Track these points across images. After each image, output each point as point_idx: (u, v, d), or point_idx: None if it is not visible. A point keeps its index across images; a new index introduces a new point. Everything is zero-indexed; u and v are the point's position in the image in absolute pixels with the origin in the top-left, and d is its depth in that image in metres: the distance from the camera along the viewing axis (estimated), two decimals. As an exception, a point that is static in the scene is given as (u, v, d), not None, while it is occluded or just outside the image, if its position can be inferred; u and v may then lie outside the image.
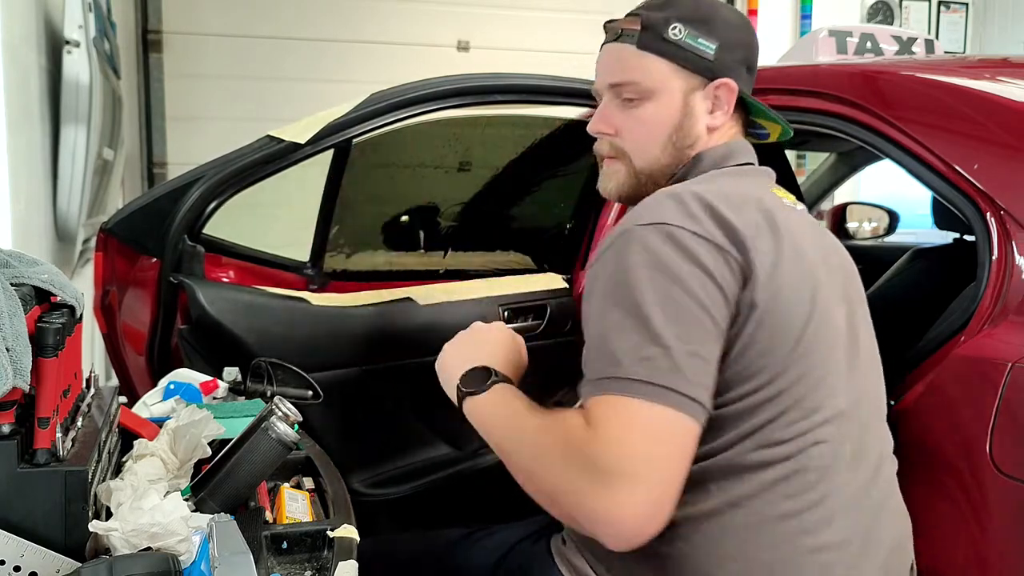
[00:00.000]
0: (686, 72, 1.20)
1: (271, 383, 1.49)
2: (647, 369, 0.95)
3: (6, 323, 0.83)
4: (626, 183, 1.26)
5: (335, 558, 0.94)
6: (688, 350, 0.97)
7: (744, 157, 1.24)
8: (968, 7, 5.61)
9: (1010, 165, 1.30)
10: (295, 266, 1.99)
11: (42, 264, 1.02)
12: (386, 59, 4.47)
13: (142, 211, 1.76)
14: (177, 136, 4.32)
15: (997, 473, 1.15)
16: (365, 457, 1.90)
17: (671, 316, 0.97)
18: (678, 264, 1.00)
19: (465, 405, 1.15)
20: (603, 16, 1.28)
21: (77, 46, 2.08)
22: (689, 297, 0.99)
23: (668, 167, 1.23)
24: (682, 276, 0.99)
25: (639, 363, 0.95)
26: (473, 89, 1.82)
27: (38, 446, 0.87)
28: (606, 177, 1.28)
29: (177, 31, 4.29)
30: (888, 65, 1.70)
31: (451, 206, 2.20)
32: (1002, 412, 1.15)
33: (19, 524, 0.85)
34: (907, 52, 2.07)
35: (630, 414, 0.95)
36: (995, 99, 1.38)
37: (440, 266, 2.16)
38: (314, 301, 1.80)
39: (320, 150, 1.76)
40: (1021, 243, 1.24)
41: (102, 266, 1.82)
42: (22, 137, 1.87)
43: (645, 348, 0.96)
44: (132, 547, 0.85)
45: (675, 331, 0.97)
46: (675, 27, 1.19)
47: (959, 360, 1.23)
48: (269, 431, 1.02)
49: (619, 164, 1.26)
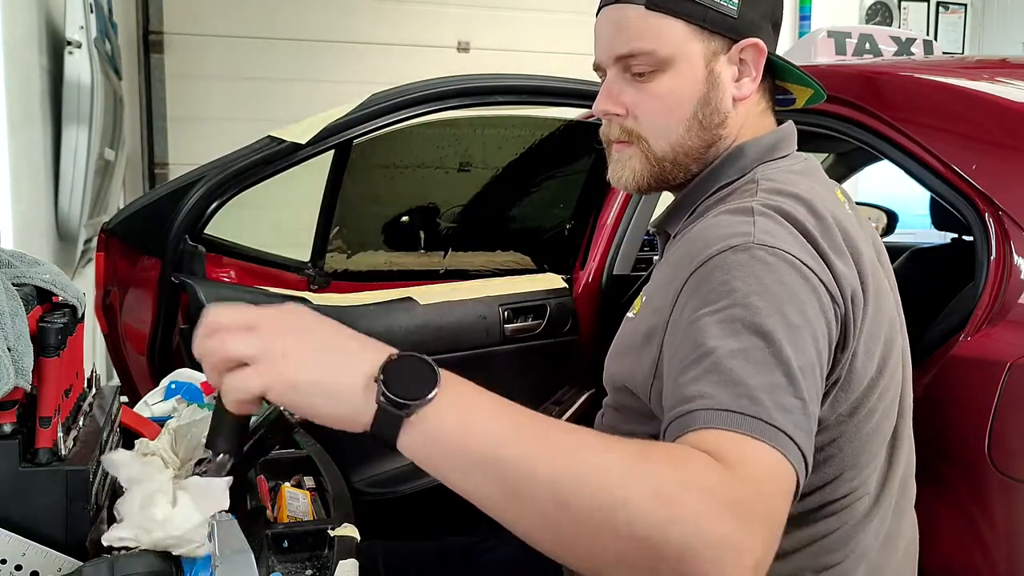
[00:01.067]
0: (707, 33, 0.99)
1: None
2: (788, 420, 0.76)
3: (8, 323, 0.83)
4: (644, 171, 1.05)
5: (336, 557, 0.94)
6: (813, 410, 0.80)
7: (792, 144, 1.06)
8: (966, 8, 5.62)
9: (1008, 165, 1.30)
10: (296, 266, 1.99)
11: (44, 264, 1.02)
12: (386, 60, 4.47)
13: (143, 211, 1.77)
14: (178, 136, 4.33)
15: (996, 473, 1.15)
16: (366, 456, 1.90)
17: (802, 363, 0.80)
18: (809, 302, 0.83)
19: (420, 428, 0.67)
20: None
21: (78, 47, 2.08)
22: (814, 346, 0.82)
23: (696, 150, 1.03)
24: (810, 319, 0.82)
25: (780, 411, 0.75)
26: (473, 90, 1.83)
27: (40, 445, 0.87)
28: (618, 165, 1.07)
29: (178, 32, 4.30)
30: (887, 66, 1.70)
31: (451, 206, 2.20)
32: (1000, 412, 1.15)
33: (21, 523, 0.85)
34: (906, 53, 2.07)
35: (771, 464, 0.74)
36: (993, 100, 1.38)
37: (440, 266, 2.16)
38: (315, 301, 1.80)
39: (321, 151, 1.76)
40: (1019, 243, 1.25)
41: (103, 266, 1.82)
42: (23, 137, 1.88)
43: (785, 395, 0.77)
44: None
45: (806, 383, 0.79)
46: None
47: (958, 360, 1.23)
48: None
49: (633, 149, 1.05)
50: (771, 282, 0.83)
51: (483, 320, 1.96)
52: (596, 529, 0.64)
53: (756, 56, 1.00)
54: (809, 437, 0.77)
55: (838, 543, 1.00)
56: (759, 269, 0.83)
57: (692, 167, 1.05)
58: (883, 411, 0.98)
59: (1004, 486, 1.15)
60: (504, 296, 2.00)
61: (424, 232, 2.16)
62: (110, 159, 2.60)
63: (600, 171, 2.03)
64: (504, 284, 2.04)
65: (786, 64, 1.04)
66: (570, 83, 1.90)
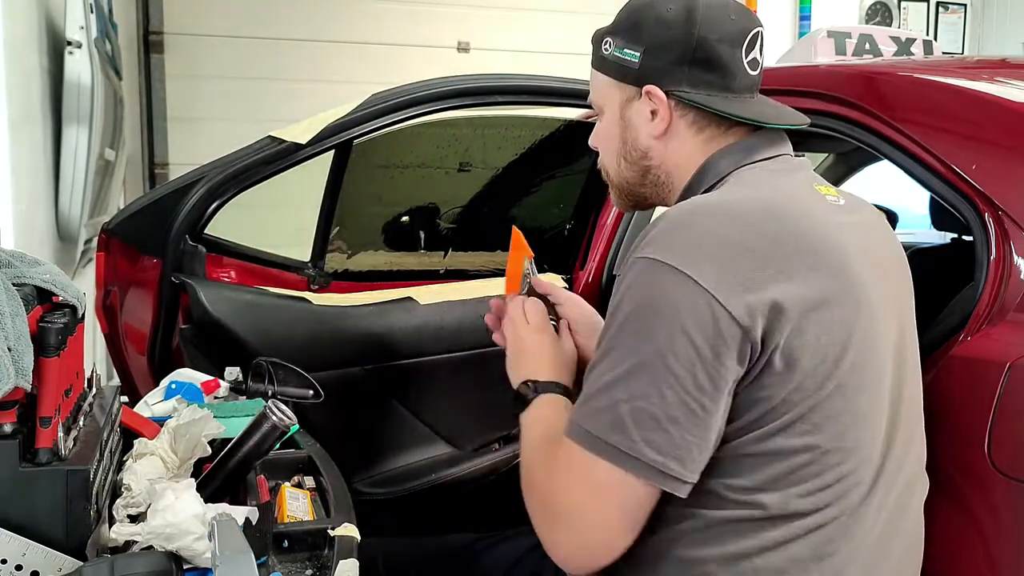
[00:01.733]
0: (619, 83, 1.18)
1: (272, 383, 1.50)
2: (626, 436, 0.96)
3: (8, 323, 0.83)
4: (615, 198, 1.27)
5: (336, 557, 0.94)
6: (669, 415, 0.96)
7: (731, 165, 1.15)
8: (966, 8, 5.62)
9: (1008, 165, 1.30)
10: (296, 266, 1.99)
11: (44, 264, 1.02)
12: (386, 60, 4.47)
13: (144, 211, 1.77)
14: (178, 137, 4.33)
15: (996, 473, 1.15)
16: (366, 456, 1.91)
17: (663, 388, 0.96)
18: (684, 315, 0.96)
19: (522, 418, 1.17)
20: (603, 17, 1.28)
21: (79, 47, 2.09)
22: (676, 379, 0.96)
23: (635, 179, 1.21)
24: (673, 336, 0.96)
25: (615, 430, 0.96)
26: (473, 90, 1.83)
27: (40, 445, 0.87)
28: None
29: (178, 32, 4.30)
30: (886, 66, 1.70)
31: (451, 206, 2.20)
32: (1000, 412, 1.15)
33: (21, 523, 0.85)
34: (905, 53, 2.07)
35: (587, 470, 0.99)
36: (993, 100, 1.38)
37: (440, 266, 2.16)
38: (315, 301, 1.80)
39: (321, 151, 1.76)
40: (1019, 243, 1.24)
41: (104, 266, 1.83)
42: (24, 138, 1.88)
43: (631, 414, 0.96)
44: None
45: (669, 410, 0.96)
46: (607, 41, 1.18)
47: (957, 360, 1.23)
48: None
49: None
50: (647, 299, 0.98)
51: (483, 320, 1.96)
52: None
53: (657, 99, 1.14)
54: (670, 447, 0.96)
55: (835, 532, 1.02)
56: (643, 281, 0.99)
57: (646, 191, 1.22)
58: (854, 390, 1.01)
59: (1004, 486, 1.15)
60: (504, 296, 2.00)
61: (424, 232, 2.16)
62: (110, 159, 2.60)
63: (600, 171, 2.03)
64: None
65: (701, 105, 1.14)
66: (570, 83, 1.90)
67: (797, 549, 1.02)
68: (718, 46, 1.13)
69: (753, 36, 1.15)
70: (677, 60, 1.13)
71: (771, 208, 1.03)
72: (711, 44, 1.12)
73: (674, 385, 0.95)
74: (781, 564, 1.02)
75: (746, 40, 1.14)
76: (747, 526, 1.01)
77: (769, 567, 1.01)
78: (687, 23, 1.12)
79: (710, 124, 1.16)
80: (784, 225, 1.01)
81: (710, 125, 1.16)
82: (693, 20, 1.12)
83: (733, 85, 1.14)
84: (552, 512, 1.03)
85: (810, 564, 1.02)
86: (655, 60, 1.14)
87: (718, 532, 1.02)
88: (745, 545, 1.01)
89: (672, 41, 1.13)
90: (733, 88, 1.14)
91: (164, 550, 0.87)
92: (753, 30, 1.15)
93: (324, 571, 0.95)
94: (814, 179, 1.17)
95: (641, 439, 0.95)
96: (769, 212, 1.02)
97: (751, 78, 1.16)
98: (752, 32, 1.15)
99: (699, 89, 1.14)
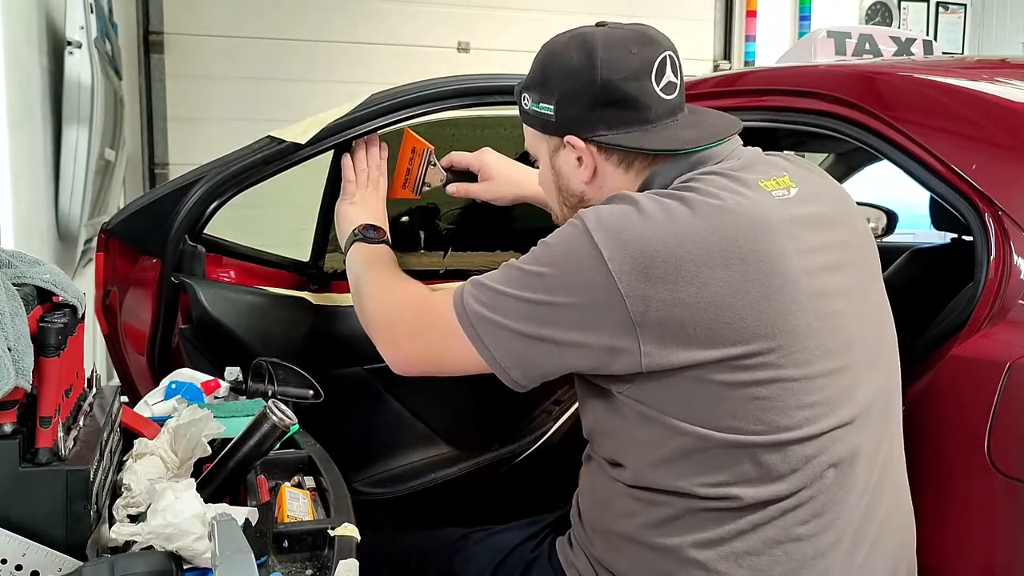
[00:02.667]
0: (544, 135, 1.23)
1: (272, 383, 1.50)
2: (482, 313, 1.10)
3: (8, 323, 0.83)
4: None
5: (336, 557, 0.94)
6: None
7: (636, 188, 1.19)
8: (966, 8, 5.62)
9: (1008, 165, 1.30)
10: (296, 266, 1.99)
11: (44, 264, 1.02)
12: (386, 60, 4.47)
13: (143, 211, 1.77)
14: (178, 136, 4.33)
15: (996, 473, 1.15)
16: (366, 456, 1.91)
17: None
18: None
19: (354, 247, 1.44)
20: (600, 17, 1.29)
21: (79, 47, 2.08)
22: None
23: None
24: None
25: (477, 303, 1.11)
26: (473, 90, 1.82)
27: (40, 445, 0.87)
28: None
29: (178, 32, 4.30)
30: (886, 66, 1.70)
31: (451, 206, 2.20)
32: (1000, 412, 1.15)
33: (21, 523, 0.85)
34: (905, 53, 2.07)
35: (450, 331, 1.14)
36: (993, 100, 1.38)
37: (440, 266, 2.16)
38: (315, 301, 1.80)
39: (321, 151, 1.76)
40: (1019, 243, 1.24)
41: (103, 266, 1.82)
42: (24, 137, 1.88)
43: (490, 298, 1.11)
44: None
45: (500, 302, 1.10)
46: (525, 97, 1.23)
47: (957, 360, 1.23)
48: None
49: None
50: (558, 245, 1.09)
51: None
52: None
53: (580, 147, 1.18)
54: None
55: (810, 514, 1.06)
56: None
57: None
58: (758, 368, 1.04)
59: (1004, 486, 1.15)
60: (504, 296, 2.00)
61: (424, 232, 2.16)
62: (110, 159, 2.60)
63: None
64: (504, 284, 2.04)
65: (615, 145, 1.17)
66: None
67: (773, 532, 1.05)
68: (624, 84, 1.14)
69: (660, 63, 1.16)
70: (588, 106, 1.16)
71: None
72: (616, 85, 1.15)
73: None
74: (758, 546, 1.05)
75: (653, 69, 1.15)
76: (725, 514, 1.06)
77: (746, 549, 1.05)
78: (589, 68, 1.15)
79: (636, 158, 1.19)
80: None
81: (636, 159, 1.19)
82: (594, 64, 1.14)
83: (649, 116, 1.16)
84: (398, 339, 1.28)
85: (788, 545, 1.05)
86: (568, 110, 1.18)
87: (694, 520, 1.06)
88: (721, 531, 1.06)
89: (579, 89, 1.16)
90: (650, 119, 1.16)
91: (164, 550, 0.86)
92: (658, 57, 1.16)
93: (324, 571, 0.95)
94: (756, 176, 1.15)
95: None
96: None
97: (668, 103, 1.17)
98: (658, 59, 1.16)
99: (616, 129, 1.16)
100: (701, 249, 1.03)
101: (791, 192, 1.13)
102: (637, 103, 1.15)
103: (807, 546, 1.06)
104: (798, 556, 1.06)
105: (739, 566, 1.06)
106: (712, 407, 1.05)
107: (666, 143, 1.16)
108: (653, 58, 1.15)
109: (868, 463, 1.11)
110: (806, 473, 1.06)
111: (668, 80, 1.17)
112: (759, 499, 1.05)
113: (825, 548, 1.07)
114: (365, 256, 1.41)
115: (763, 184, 1.13)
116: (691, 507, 1.07)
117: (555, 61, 1.19)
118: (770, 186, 1.13)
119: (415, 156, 1.46)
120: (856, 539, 1.10)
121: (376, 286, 1.34)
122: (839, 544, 1.08)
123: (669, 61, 1.17)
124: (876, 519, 1.13)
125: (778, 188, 1.13)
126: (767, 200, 1.10)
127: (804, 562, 1.06)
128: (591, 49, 1.15)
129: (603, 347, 1.04)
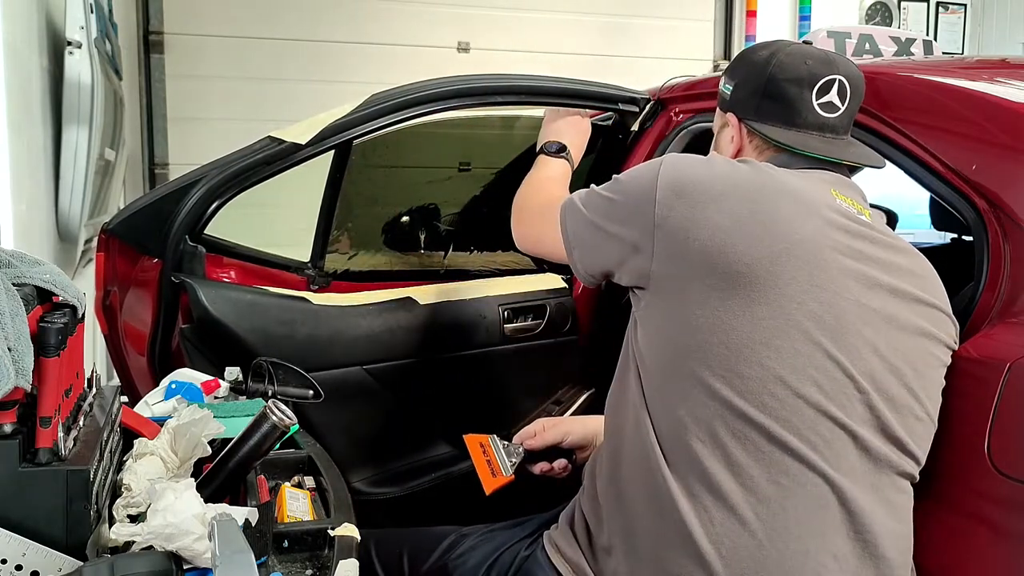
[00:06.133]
0: (720, 111, 1.42)
1: (272, 383, 1.50)
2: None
3: (8, 323, 0.83)
4: None
5: (336, 557, 0.94)
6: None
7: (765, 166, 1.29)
8: (966, 8, 5.62)
9: (1008, 165, 1.30)
10: (296, 266, 1.99)
11: (44, 264, 1.02)
12: (386, 60, 4.47)
13: (144, 212, 1.77)
14: (178, 137, 4.32)
15: (996, 473, 1.15)
16: (366, 456, 1.91)
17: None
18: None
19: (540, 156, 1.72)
20: (602, 18, 1.29)
21: (79, 47, 2.08)
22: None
23: None
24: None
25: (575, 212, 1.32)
26: (474, 90, 1.83)
27: (40, 445, 0.87)
28: None
29: (178, 32, 4.29)
30: (886, 66, 1.70)
31: (451, 206, 2.21)
32: (1000, 412, 1.15)
33: (21, 523, 0.85)
34: (905, 53, 2.07)
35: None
36: (993, 100, 1.38)
37: (440, 266, 2.16)
38: (315, 301, 1.80)
39: (321, 151, 1.76)
40: (1019, 243, 1.25)
41: (104, 266, 1.83)
42: (24, 138, 1.88)
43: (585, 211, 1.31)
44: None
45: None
46: (723, 78, 1.42)
47: (957, 360, 1.23)
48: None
49: None
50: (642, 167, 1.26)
51: (483, 320, 1.96)
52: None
53: (734, 124, 1.38)
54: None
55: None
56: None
57: None
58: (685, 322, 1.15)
59: (1004, 486, 1.15)
60: (504, 296, 2.00)
61: (424, 232, 2.16)
62: (110, 159, 2.60)
63: (600, 171, 2.03)
64: (504, 284, 2.04)
65: (757, 130, 1.34)
66: (570, 83, 1.90)
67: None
68: (785, 85, 1.30)
69: (828, 82, 1.30)
70: (752, 93, 1.34)
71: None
72: (779, 82, 1.31)
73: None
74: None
75: (817, 84, 1.29)
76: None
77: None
78: (766, 65, 1.33)
79: (768, 148, 1.34)
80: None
81: (768, 149, 1.34)
82: (770, 62, 1.32)
83: (797, 120, 1.30)
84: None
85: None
86: (738, 92, 1.37)
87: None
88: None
89: (752, 78, 1.34)
90: (796, 123, 1.30)
91: (164, 550, 0.87)
92: (827, 76, 1.29)
93: (324, 571, 0.96)
94: (835, 186, 1.26)
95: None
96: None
97: (822, 119, 1.30)
98: (826, 78, 1.29)
99: (765, 119, 1.33)
100: (731, 184, 1.17)
101: (860, 214, 1.22)
102: (790, 105, 1.30)
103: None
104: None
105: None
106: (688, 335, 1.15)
107: (793, 141, 1.30)
108: (821, 75, 1.30)
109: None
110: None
111: (829, 100, 1.30)
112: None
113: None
114: (540, 162, 1.72)
115: (834, 191, 1.23)
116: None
117: (747, 54, 1.39)
118: (839, 196, 1.22)
119: (486, 449, 1.46)
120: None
121: (528, 182, 1.66)
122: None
123: (838, 84, 1.30)
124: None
125: (846, 203, 1.22)
126: (824, 196, 1.21)
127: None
128: (776, 51, 1.33)
129: (631, 242, 1.21)
